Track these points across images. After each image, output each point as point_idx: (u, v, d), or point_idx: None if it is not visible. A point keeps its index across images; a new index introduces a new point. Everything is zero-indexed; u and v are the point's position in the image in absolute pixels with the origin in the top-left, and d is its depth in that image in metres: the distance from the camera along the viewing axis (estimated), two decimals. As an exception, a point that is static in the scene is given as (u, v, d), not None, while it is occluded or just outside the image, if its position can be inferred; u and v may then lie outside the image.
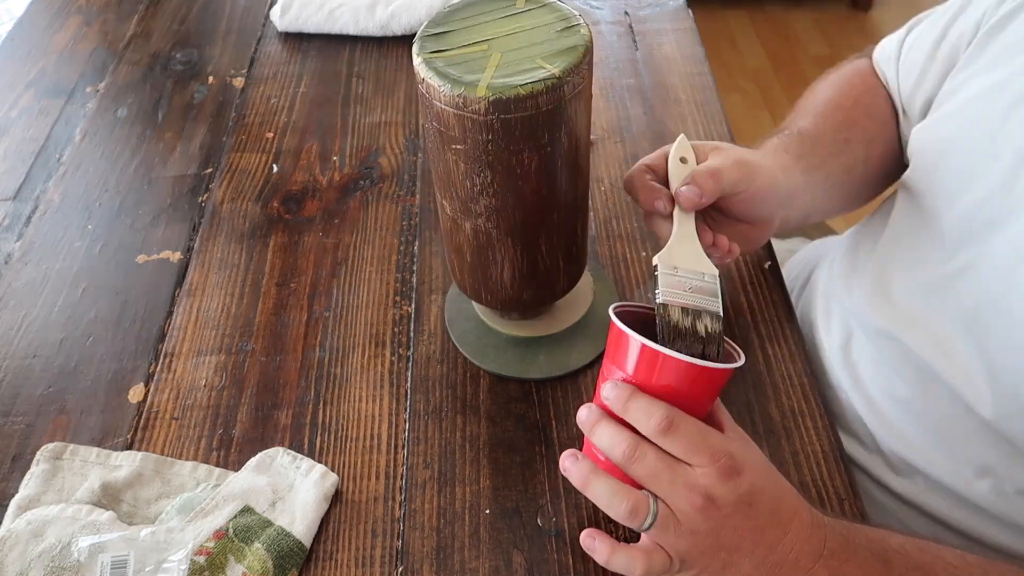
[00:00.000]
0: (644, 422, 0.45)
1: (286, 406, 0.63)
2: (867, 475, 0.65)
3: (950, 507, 0.59)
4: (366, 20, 0.96)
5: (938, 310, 0.57)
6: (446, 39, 0.51)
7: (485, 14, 0.53)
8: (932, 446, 0.59)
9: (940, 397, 0.57)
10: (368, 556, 0.55)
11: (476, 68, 0.49)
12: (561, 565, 0.54)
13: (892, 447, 0.62)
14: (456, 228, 0.57)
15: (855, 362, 0.65)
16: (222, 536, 0.54)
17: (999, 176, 0.53)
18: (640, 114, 0.87)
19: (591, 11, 1.01)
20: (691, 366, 0.45)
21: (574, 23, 0.51)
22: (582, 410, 0.49)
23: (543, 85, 0.47)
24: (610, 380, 0.47)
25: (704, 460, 0.44)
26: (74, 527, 0.55)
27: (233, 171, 0.83)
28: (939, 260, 0.57)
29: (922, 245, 0.60)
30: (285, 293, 0.71)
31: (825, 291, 0.72)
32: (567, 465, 0.49)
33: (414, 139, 0.85)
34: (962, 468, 0.58)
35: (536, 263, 0.57)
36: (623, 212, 0.77)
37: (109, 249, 0.76)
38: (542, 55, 0.49)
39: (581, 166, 0.56)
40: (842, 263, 0.70)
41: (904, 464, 0.61)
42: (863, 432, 0.64)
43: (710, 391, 0.47)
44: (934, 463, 0.59)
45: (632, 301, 0.56)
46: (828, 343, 0.69)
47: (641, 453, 0.45)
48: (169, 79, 0.95)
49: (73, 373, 0.66)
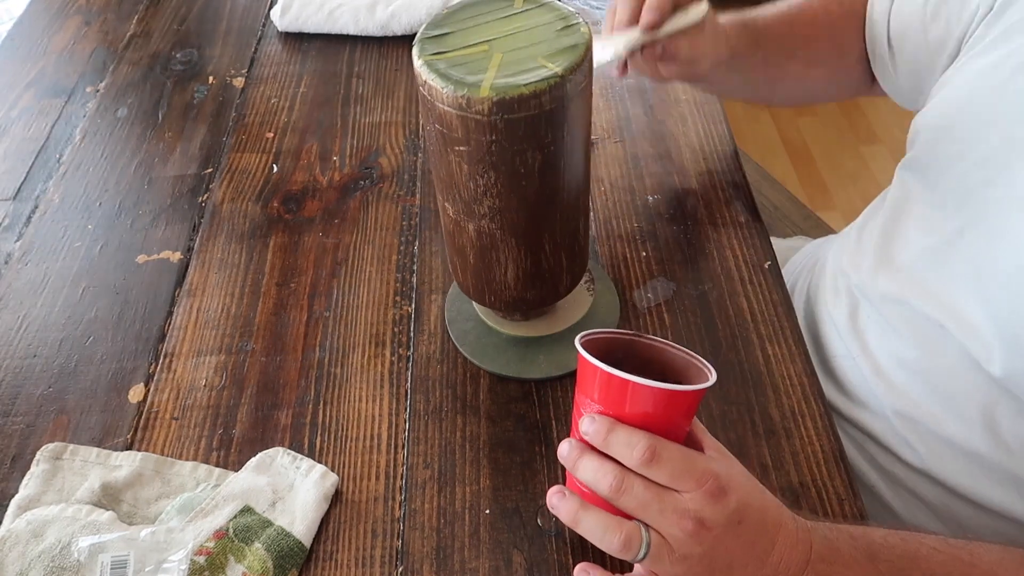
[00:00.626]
0: (627, 455, 0.45)
1: (286, 406, 0.63)
2: (877, 443, 0.65)
3: (958, 471, 0.60)
4: (366, 20, 0.96)
5: (943, 271, 0.58)
6: (446, 41, 0.51)
7: (484, 15, 0.53)
8: (939, 406, 0.60)
9: (947, 356, 0.58)
10: (368, 556, 0.55)
11: (478, 69, 0.49)
12: (561, 565, 0.54)
13: (899, 408, 0.62)
14: (459, 230, 0.57)
15: (862, 329, 0.66)
16: (222, 536, 0.54)
17: (997, 138, 0.54)
18: (640, 114, 0.87)
19: (591, 11, 1.01)
20: (662, 391, 0.44)
21: (573, 22, 0.51)
22: (562, 446, 0.48)
23: (546, 84, 0.47)
24: (587, 415, 0.47)
25: (691, 485, 0.44)
26: (74, 527, 0.55)
27: (233, 171, 0.83)
28: (940, 221, 0.59)
29: (924, 212, 0.61)
30: (285, 293, 0.71)
31: (833, 271, 0.73)
32: (555, 503, 0.48)
33: (414, 139, 0.85)
34: (971, 426, 0.58)
35: (540, 262, 0.57)
36: (623, 212, 0.77)
37: (109, 249, 0.76)
38: (543, 54, 0.49)
39: (583, 164, 0.56)
40: (850, 242, 0.72)
41: (911, 426, 0.62)
42: (870, 397, 0.65)
43: (686, 412, 0.47)
44: (941, 423, 0.60)
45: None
46: (836, 315, 0.69)
47: (628, 485, 0.45)
48: (169, 79, 0.95)
49: (73, 373, 0.66)
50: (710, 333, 0.67)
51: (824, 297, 0.72)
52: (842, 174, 2.02)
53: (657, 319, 0.68)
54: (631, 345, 0.50)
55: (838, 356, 0.69)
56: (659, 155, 0.82)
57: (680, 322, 0.68)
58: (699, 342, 0.66)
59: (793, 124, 2.15)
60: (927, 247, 0.60)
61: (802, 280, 0.81)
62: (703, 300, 0.69)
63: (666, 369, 0.50)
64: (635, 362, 0.49)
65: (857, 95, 0.81)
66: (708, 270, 0.72)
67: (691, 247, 0.73)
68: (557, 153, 0.51)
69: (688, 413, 0.47)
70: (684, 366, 0.49)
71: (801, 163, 2.05)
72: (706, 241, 0.74)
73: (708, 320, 0.68)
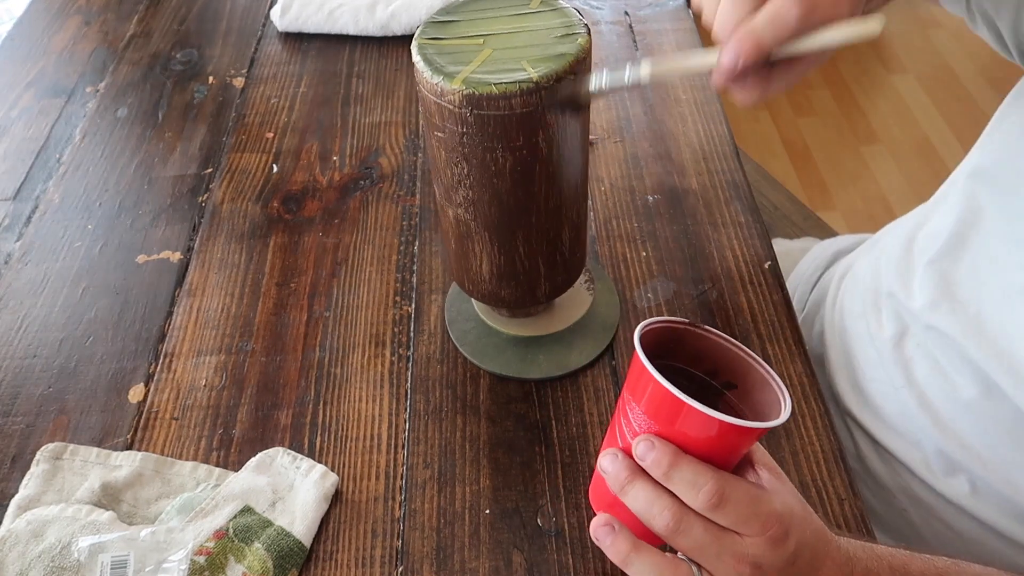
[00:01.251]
0: (690, 496, 0.41)
1: (286, 406, 0.63)
2: (911, 472, 0.63)
3: (1003, 513, 0.58)
4: (366, 20, 0.96)
5: (1008, 319, 0.53)
6: (449, 28, 0.52)
7: (496, 9, 0.53)
8: (989, 450, 0.57)
9: (1003, 406, 0.55)
10: (368, 556, 0.55)
11: (463, 61, 0.49)
12: (561, 565, 0.54)
13: (943, 447, 0.60)
14: (443, 213, 0.58)
15: (909, 358, 0.62)
16: (222, 536, 0.54)
17: None
18: (640, 114, 0.87)
19: (591, 11, 1.01)
20: (729, 425, 0.39)
21: (575, 31, 0.51)
22: (607, 459, 0.44)
23: (517, 87, 0.47)
24: (644, 437, 0.42)
25: (755, 530, 0.41)
26: (74, 527, 0.55)
27: (233, 171, 0.83)
28: (1016, 266, 0.53)
29: (1000, 242, 0.55)
30: (285, 293, 0.71)
31: (874, 286, 0.68)
32: (600, 536, 0.44)
33: (414, 139, 0.85)
34: (1017, 475, 0.56)
35: (514, 263, 0.57)
36: (623, 212, 0.77)
37: (109, 249, 0.76)
38: (530, 57, 0.49)
39: (567, 174, 0.55)
40: (895, 256, 0.66)
41: (958, 465, 0.59)
42: (912, 429, 0.62)
43: (749, 442, 0.43)
44: (988, 466, 0.57)
45: (657, 316, 0.50)
46: (878, 336, 0.65)
47: (687, 526, 0.41)
48: (169, 79, 0.95)
49: (73, 373, 0.66)
50: (710, 333, 0.67)
51: (862, 311, 0.68)
52: (842, 174, 2.02)
53: (657, 319, 0.68)
54: (685, 333, 0.46)
55: (875, 380, 0.65)
56: (659, 155, 0.82)
57: (680, 322, 0.68)
58: (699, 342, 0.66)
59: (793, 124, 2.16)
60: (997, 288, 0.54)
61: (832, 288, 0.77)
62: (703, 300, 0.69)
63: (720, 365, 0.46)
64: (689, 351, 0.45)
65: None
66: (708, 270, 0.72)
67: (691, 247, 0.74)
68: (531, 158, 0.51)
69: (751, 442, 0.43)
70: (745, 370, 0.45)
71: (801, 163, 2.05)
72: (706, 241, 0.74)
73: (708, 320, 0.68)
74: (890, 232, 0.72)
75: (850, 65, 2.31)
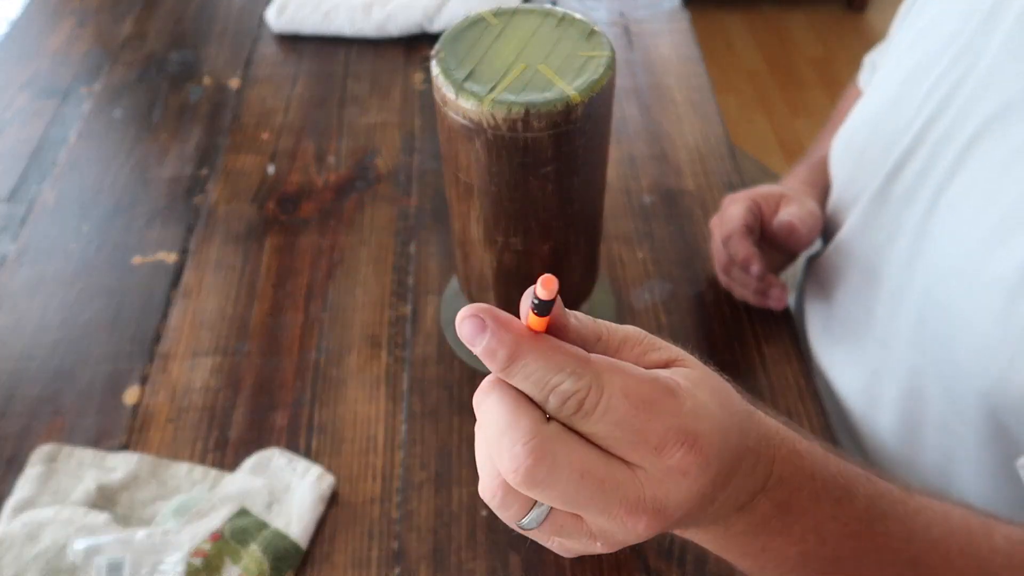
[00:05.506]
0: (542, 396, 0.31)
1: (282, 407, 0.63)
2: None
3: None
4: (362, 21, 0.96)
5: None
6: (465, 45, 0.50)
7: (512, 24, 0.51)
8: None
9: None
10: (365, 558, 0.55)
11: (489, 79, 0.48)
12: (558, 567, 0.54)
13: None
14: (463, 231, 0.57)
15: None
16: (218, 538, 0.54)
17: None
18: (636, 115, 0.87)
19: (587, 12, 1.01)
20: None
21: (597, 44, 0.49)
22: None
23: (554, 106, 0.46)
24: (469, 310, 0.31)
25: (649, 455, 0.30)
26: (70, 529, 0.55)
27: (229, 172, 0.83)
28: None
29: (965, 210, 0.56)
30: (281, 294, 0.71)
31: None
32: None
33: (410, 140, 0.85)
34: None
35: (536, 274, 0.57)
36: (619, 213, 0.77)
37: (104, 250, 0.76)
38: (558, 69, 0.48)
39: (596, 185, 0.54)
40: None
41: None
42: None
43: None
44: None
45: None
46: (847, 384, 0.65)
47: (550, 464, 0.30)
48: (164, 80, 0.94)
49: (68, 375, 0.66)
50: (707, 333, 0.67)
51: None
52: (837, 175, 2.02)
53: (654, 319, 0.68)
54: None
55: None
56: (655, 156, 0.82)
57: (677, 322, 0.68)
58: (695, 342, 0.66)
59: (789, 125, 2.16)
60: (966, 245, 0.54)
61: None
62: (699, 300, 0.69)
63: None
64: None
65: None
66: (704, 270, 0.72)
67: (687, 247, 0.74)
68: (568, 171, 0.50)
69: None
70: None
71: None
72: (702, 242, 0.74)
73: (704, 320, 0.68)
74: None
75: (845, 66, 2.32)
